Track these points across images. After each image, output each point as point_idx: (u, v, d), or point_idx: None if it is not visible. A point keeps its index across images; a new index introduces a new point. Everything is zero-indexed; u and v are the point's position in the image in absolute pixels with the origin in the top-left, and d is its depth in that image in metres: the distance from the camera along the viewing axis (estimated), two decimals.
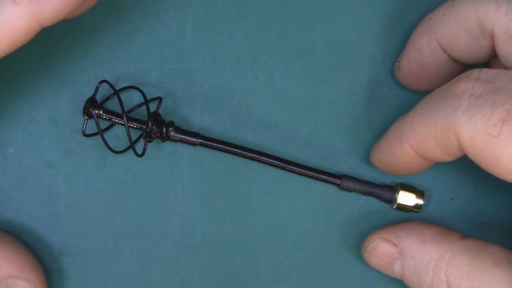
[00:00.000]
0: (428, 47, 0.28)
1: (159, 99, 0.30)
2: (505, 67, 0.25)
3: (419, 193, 0.30)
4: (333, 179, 0.30)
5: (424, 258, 0.26)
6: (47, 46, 0.30)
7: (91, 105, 0.28)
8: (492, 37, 0.25)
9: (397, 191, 0.30)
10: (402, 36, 0.31)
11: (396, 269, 0.27)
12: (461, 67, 0.28)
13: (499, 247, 0.25)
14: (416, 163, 0.26)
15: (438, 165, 0.31)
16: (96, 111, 0.29)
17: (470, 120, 0.22)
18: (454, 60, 0.28)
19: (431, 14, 0.28)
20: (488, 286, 0.23)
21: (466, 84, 0.23)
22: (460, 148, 0.23)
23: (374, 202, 0.31)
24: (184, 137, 0.29)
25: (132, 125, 0.29)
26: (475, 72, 0.23)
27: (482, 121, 0.22)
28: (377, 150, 0.28)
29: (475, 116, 0.22)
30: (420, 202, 0.30)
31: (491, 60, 0.27)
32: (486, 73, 0.23)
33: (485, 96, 0.22)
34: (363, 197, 0.31)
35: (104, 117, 0.29)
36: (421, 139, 0.25)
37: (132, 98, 0.31)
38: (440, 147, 0.24)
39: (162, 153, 0.31)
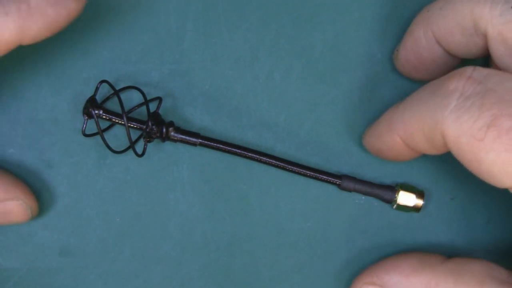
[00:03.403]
0: (424, 38, 0.28)
1: (159, 99, 0.30)
2: (498, 68, 0.25)
3: (419, 193, 0.30)
4: (333, 179, 0.30)
5: None
6: (47, 46, 0.30)
7: (91, 105, 0.28)
8: (485, 37, 0.25)
9: (397, 191, 0.30)
10: (402, 36, 0.31)
11: None
12: (457, 60, 0.28)
13: (480, 264, 0.25)
14: (404, 152, 0.27)
15: (438, 165, 0.31)
16: (96, 111, 0.29)
17: (456, 121, 0.22)
18: (449, 54, 0.28)
19: (429, 6, 0.28)
20: None
21: (458, 82, 0.23)
22: (446, 145, 0.23)
23: (374, 202, 0.31)
24: (184, 137, 0.29)
25: (132, 125, 0.29)
26: (468, 70, 0.23)
27: (468, 123, 0.22)
28: (369, 135, 0.29)
29: (462, 118, 0.22)
30: (420, 202, 0.30)
31: (489, 56, 0.27)
32: (478, 72, 0.23)
33: (474, 98, 0.22)
34: (363, 197, 0.31)
35: (104, 117, 0.29)
36: (409, 132, 0.25)
37: (132, 98, 0.30)
38: (427, 142, 0.24)
39: (162, 153, 0.31)
